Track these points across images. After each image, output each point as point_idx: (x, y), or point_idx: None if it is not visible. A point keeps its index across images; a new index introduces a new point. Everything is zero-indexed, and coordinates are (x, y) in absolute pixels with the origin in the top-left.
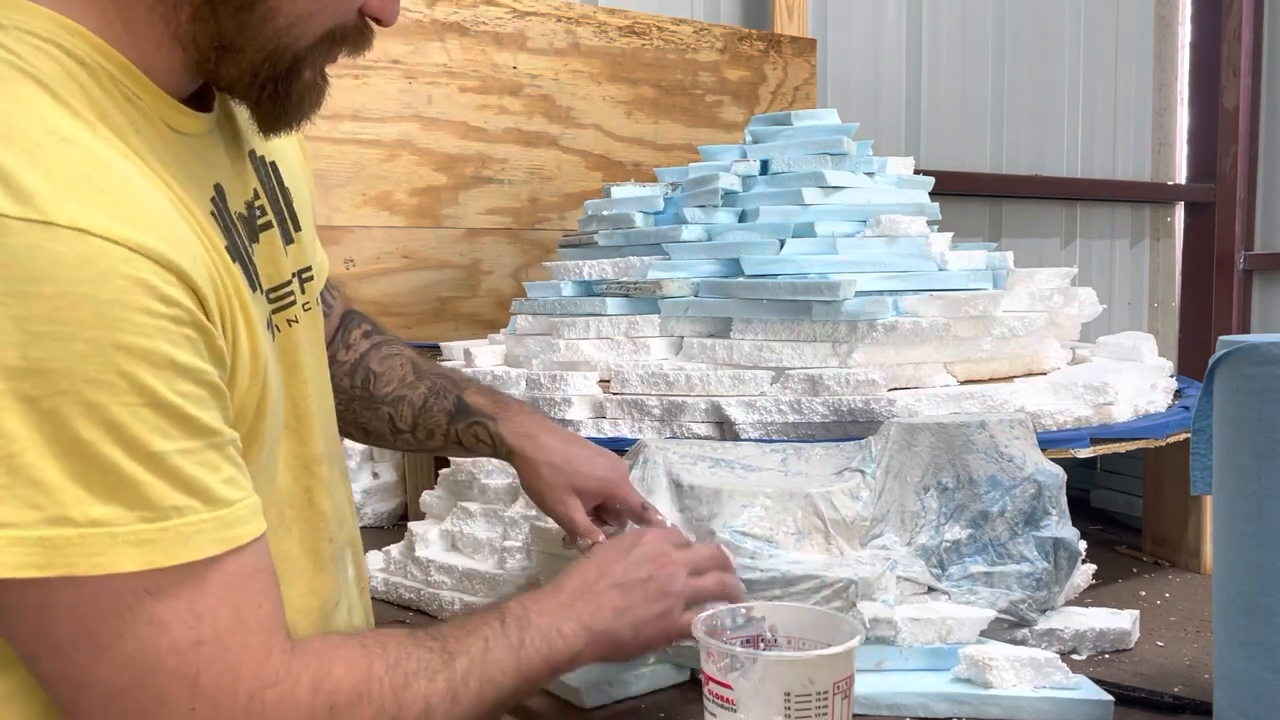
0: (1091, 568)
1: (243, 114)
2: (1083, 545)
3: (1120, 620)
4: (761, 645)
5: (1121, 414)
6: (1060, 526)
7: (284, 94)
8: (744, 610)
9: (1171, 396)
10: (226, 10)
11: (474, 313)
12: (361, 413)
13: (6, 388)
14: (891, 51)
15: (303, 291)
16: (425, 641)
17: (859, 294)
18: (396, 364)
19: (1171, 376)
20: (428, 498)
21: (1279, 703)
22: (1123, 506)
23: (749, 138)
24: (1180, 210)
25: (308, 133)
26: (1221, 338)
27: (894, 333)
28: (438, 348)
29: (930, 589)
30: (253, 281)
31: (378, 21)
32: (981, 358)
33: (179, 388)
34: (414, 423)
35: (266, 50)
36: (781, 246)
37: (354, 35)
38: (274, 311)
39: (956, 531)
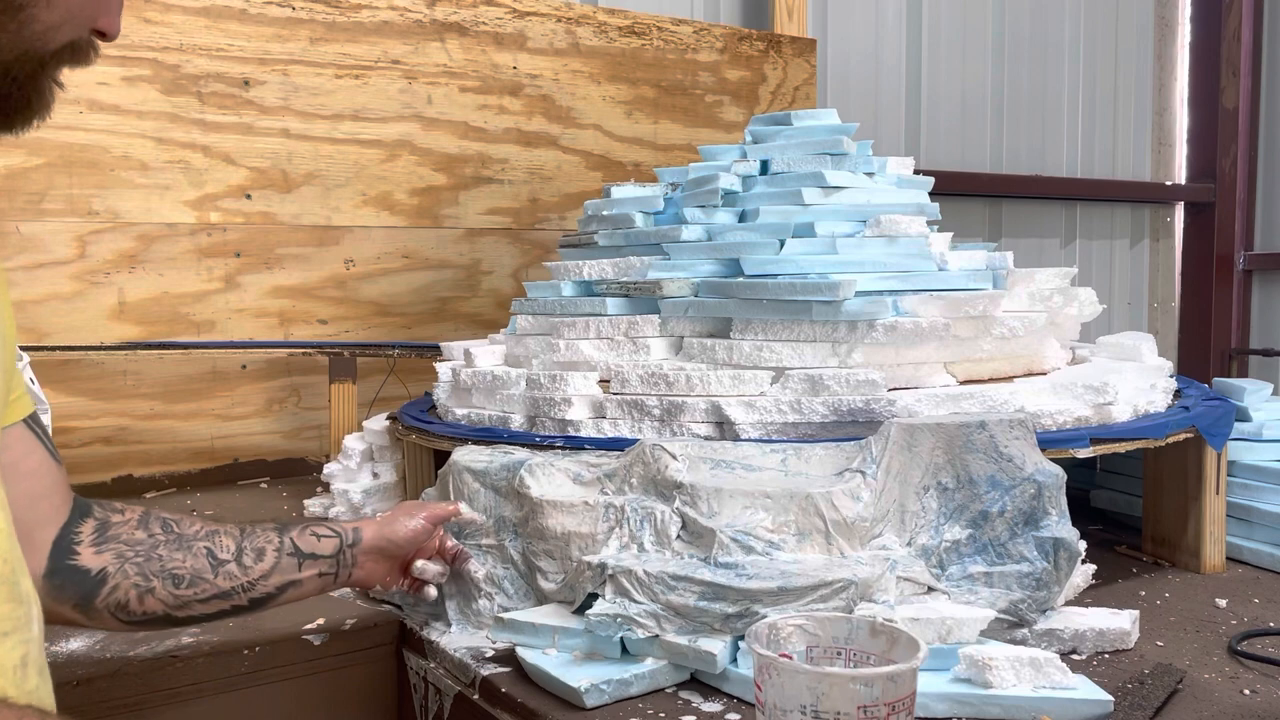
0: (1091, 568)
1: None
2: (1082, 545)
3: (1120, 620)
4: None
5: (1121, 414)
6: (1060, 526)
7: (27, 95)
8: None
9: (1171, 396)
10: None
11: (474, 313)
12: (171, 557)
13: None
14: (891, 52)
15: None
16: None
17: (859, 294)
18: (187, 515)
19: (1171, 376)
20: (427, 496)
21: None
22: (1123, 506)
23: (749, 138)
24: (1180, 210)
25: (310, 133)
26: None
27: (894, 333)
28: (438, 348)
29: (930, 589)
30: None
31: (103, 36)
32: (981, 358)
33: None
34: (239, 549)
35: (19, 51)
36: (781, 246)
37: (85, 48)
38: None
39: (956, 532)
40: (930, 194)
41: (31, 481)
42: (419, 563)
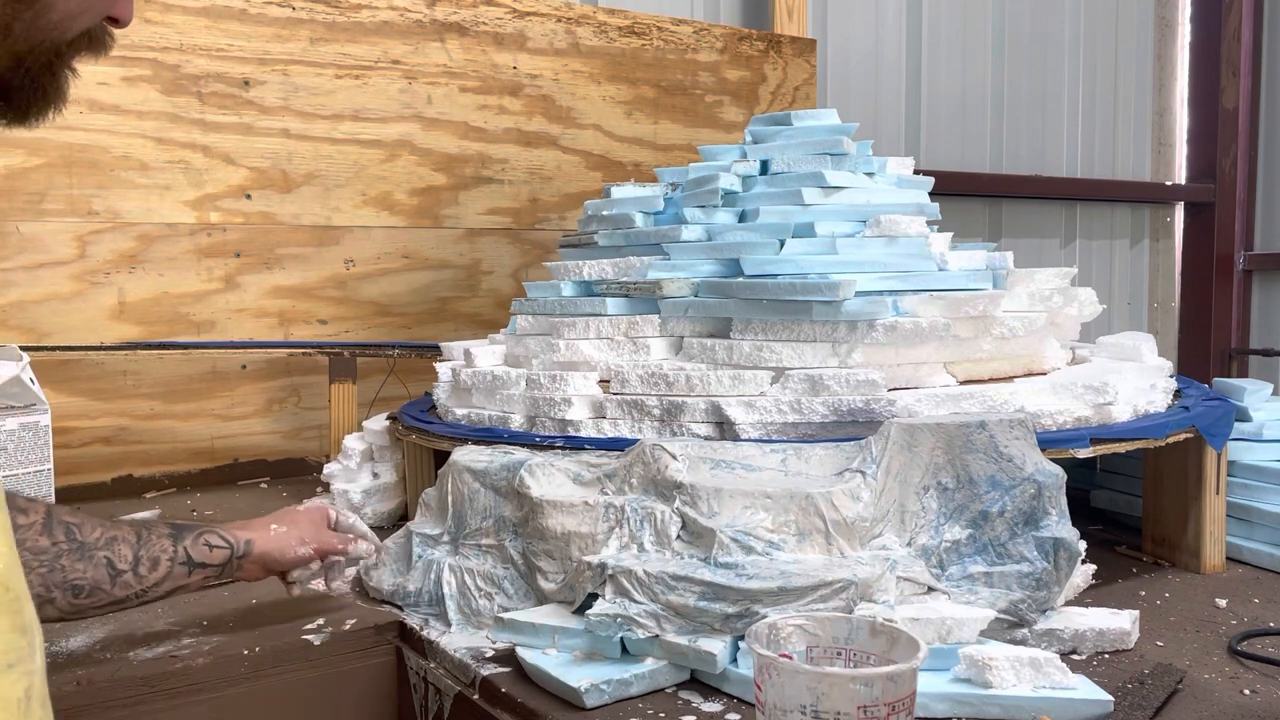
0: (1091, 568)
1: None
2: (1082, 545)
3: (1120, 620)
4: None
5: (1121, 414)
6: (1060, 526)
7: (43, 86)
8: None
9: (1171, 396)
10: (6, 1)
11: (474, 313)
12: (72, 568)
13: None
14: (891, 51)
15: None
16: None
17: (859, 294)
18: (86, 515)
19: (1171, 376)
20: (427, 497)
21: None
22: (1123, 506)
23: (749, 138)
24: (1180, 210)
25: (310, 133)
26: None
27: (894, 333)
28: (438, 348)
29: (930, 589)
30: None
31: (115, 23)
32: (981, 358)
33: None
34: (135, 558)
35: (34, 41)
36: (781, 246)
37: (101, 36)
38: None
39: (956, 532)
40: (930, 194)
41: None
42: (295, 572)
